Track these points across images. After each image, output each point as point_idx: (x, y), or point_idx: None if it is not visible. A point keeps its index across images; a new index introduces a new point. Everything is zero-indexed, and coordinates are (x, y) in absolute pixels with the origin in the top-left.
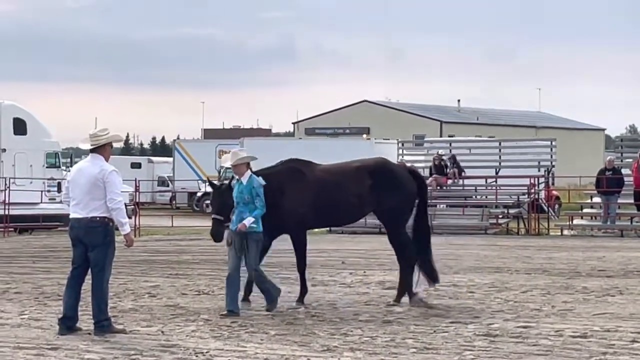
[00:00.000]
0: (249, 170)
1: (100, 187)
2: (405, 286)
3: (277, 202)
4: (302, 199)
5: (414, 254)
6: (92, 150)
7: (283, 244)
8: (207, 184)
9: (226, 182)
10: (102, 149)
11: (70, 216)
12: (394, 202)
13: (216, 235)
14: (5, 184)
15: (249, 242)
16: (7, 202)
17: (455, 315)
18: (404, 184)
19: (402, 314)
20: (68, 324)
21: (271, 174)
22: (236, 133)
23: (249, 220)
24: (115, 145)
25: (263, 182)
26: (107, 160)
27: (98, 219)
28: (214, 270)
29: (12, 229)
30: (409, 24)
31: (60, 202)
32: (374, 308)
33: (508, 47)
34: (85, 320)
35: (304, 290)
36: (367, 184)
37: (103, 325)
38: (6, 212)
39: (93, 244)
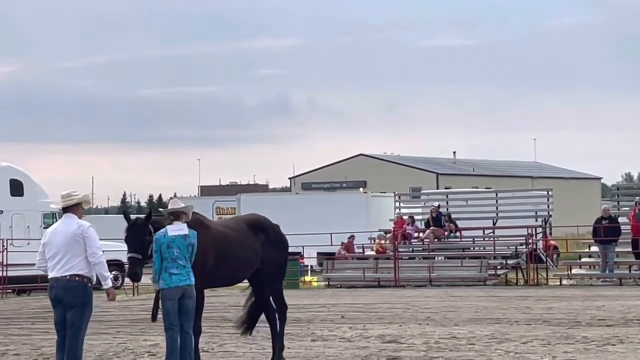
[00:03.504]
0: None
1: (80, 243)
2: (281, 339)
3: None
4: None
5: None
6: (66, 210)
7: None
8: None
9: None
10: (76, 209)
11: (49, 276)
12: (280, 257)
13: (134, 277)
14: (3, 246)
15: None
16: (4, 263)
17: None
18: (285, 241)
19: None
20: None
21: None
22: (233, 189)
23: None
24: (112, 204)
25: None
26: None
27: (77, 278)
28: (212, 327)
29: (10, 290)
30: (402, 76)
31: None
32: None
33: (502, 98)
34: None
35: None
36: (260, 239)
37: None
38: (4, 274)
39: (71, 303)
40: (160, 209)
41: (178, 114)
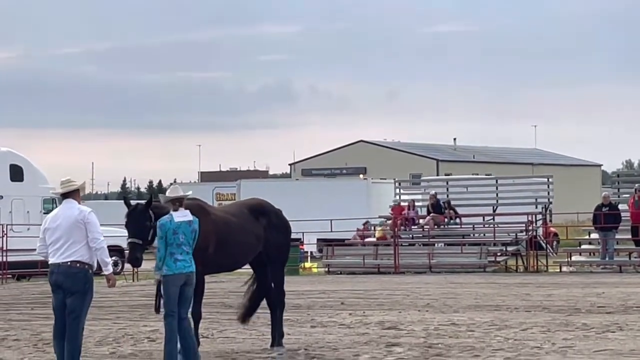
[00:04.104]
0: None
1: (81, 229)
2: (281, 326)
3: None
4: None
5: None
6: (65, 196)
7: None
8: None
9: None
10: (76, 194)
11: (50, 262)
12: (282, 241)
13: (135, 261)
14: (3, 231)
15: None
16: (4, 249)
17: (455, 354)
18: (288, 226)
19: (403, 354)
20: None
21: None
22: (233, 175)
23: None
24: (111, 189)
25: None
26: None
27: (79, 264)
28: (212, 313)
29: (9, 276)
30: (403, 63)
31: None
32: (374, 348)
33: (503, 85)
34: None
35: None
36: (262, 223)
37: None
38: (4, 259)
39: (72, 290)
40: (161, 195)
41: (178, 99)
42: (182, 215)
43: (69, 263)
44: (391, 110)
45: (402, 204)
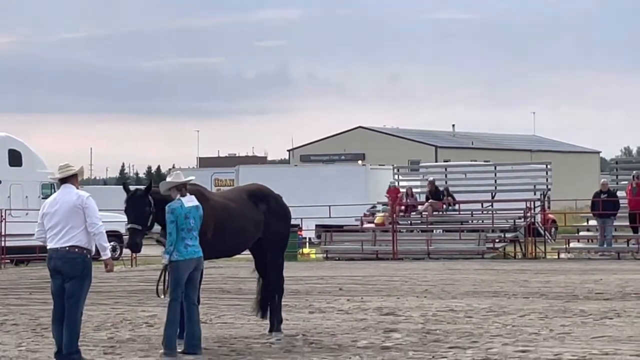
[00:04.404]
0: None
1: (80, 214)
2: (279, 312)
3: None
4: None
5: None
6: (64, 181)
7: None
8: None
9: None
10: (74, 179)
11: (48, 247)
12: (282, 227)
13: (134, 247)
14: (1, 216)
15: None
16: (3, 233)
17: (453, 340)
18: (288, 212)
19: (401, 340)
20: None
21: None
22: (231, 161)
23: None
24: (110, 175)
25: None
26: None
27: (77, 249)
28: (211, 299)
29: (8, 261)
30: (402, 50)
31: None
32: (372, 334)
33: (502, 72)
34: (84, 352)
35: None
36: (261, 209)
37: (73, 358)
38: (2, 244)
39: (70, 274)
40: (162, 182)
41: (177, 85)
42: (190, 201)
43: (67, 248)
44: (390, 96)
45: (401, 190)
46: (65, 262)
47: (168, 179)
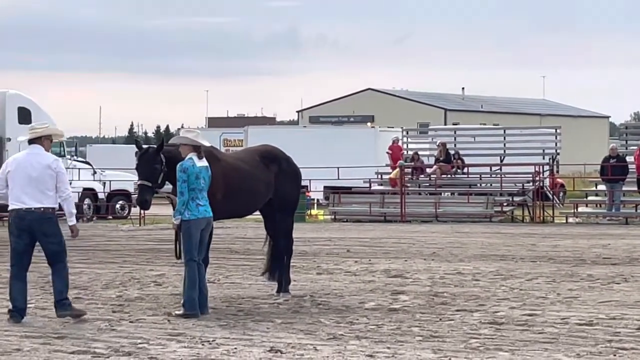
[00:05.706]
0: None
1: (53, 177)
2: (288, 273)
3: None
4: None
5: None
6: (32, 142)
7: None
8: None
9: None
10: (41, 141)
11: (16, 207)
12: (292, 188)
13: (143, 204)
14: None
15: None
16: None
17: (460, 304)
18: (299, 173)
19: (408, 302)
20: (23, 314)
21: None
22: (240, 122)
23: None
24: (119, 134)
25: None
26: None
27: (51, 210)
28: (219, 259)
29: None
30: (412, 11)
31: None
32: (380, 296)
33: (512, 35)
34: (92, 310)
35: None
36: (272, 170)
37: (64, 303)
38: None
39: (48, 233)
40: (176, 137)
41: (187, 45)
42: (201, 161)
43: (42, 209)
44: (400, 58)
45: (399, 143)
46: (43, 222)
47: (188, 135)
